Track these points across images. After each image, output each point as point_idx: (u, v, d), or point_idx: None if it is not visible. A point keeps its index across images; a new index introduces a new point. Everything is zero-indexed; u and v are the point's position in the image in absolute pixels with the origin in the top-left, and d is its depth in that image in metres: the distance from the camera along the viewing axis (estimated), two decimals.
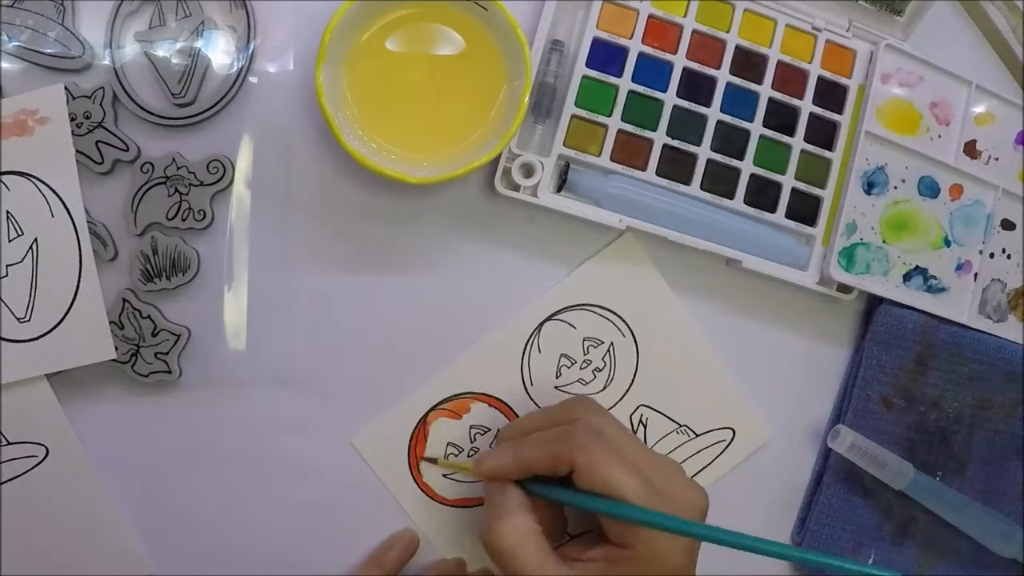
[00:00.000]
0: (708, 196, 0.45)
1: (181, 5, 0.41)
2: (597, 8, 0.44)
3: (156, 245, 0.41)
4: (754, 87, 0.46)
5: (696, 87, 0.46)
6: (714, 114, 0.46)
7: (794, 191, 0.47)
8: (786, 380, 0.49)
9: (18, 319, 0.40)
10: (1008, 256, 0.50)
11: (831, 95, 0.47)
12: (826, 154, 0.47)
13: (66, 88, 0.40)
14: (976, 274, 0.49)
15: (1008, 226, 0.50)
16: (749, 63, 0.46)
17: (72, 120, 0.40)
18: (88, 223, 0.40)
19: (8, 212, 0.40)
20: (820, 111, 0.47)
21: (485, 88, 0.42)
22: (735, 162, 0.46)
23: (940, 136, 0.49)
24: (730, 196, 0.46)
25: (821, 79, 0.47)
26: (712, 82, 0.46)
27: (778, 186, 0.46)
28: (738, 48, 0.46)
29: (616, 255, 0.46)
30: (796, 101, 0.47)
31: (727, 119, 0.46)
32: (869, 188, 0.47)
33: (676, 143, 0.45)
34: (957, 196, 0.49)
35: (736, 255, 0.46)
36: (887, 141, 0.47)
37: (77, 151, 0.40)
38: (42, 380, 0.40)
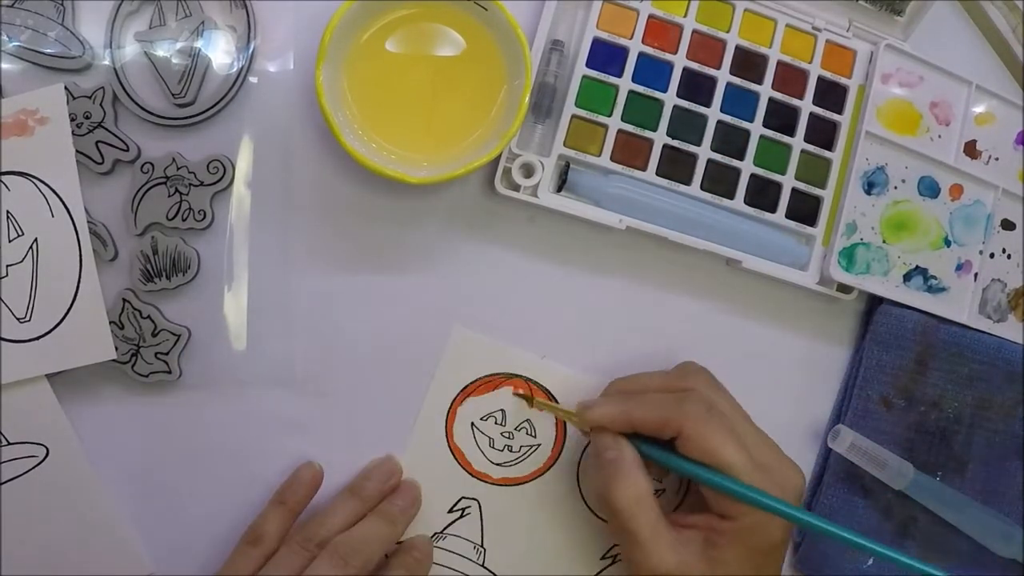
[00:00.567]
0: (708, 196, 0.45)
1: (181, 5, 0.41)
2: (597, 8, 0.44)
3: (156, 245, 0.41)
4: (754, 87, 0.46)
5: (696, 87, 0.46)
6: (714, 114, 0.46)
7: (794, 191, 0.47)
8: (786, 380, 0.49)
9: (18, 319, 0.40)
10: (1008, 256, 0.50)
11: (831, 95, 0.47)
12: (826, 154, 0.47)
13: (66, 88, 0.40)
14: (976, 274, 0.49)
15: (1008, 226, 0.50)
16: (749, 63, 0.46)
17: (72, 120, 0.40)
18: (88, 223, 0.40)
19: (8, 212, 0.40)
20: (820, 111, 0.47)
21: (485, 88, 0.42)
22: (735, 162, 0.46)
23: (940, 136, 0.49)
24: (730, 196, 0.46)
25: (821, 79, 0.47)
26: (712, 82, 0.46)
27: (778, 186, 0.46)
28: (738, 48, 0.46)
29: None
30: (796, 101, 0.47)
31: (727, 119, 0.46)
32: (869, 188, 0.47)
33: (676, 143, 0.45)
34: (957, 196, 0.49)
35: (736, 255, 0.46)
36: (887, 141, 0.47)
37: (77, 151, 0.40)
38: (42, 380, 0.40)
